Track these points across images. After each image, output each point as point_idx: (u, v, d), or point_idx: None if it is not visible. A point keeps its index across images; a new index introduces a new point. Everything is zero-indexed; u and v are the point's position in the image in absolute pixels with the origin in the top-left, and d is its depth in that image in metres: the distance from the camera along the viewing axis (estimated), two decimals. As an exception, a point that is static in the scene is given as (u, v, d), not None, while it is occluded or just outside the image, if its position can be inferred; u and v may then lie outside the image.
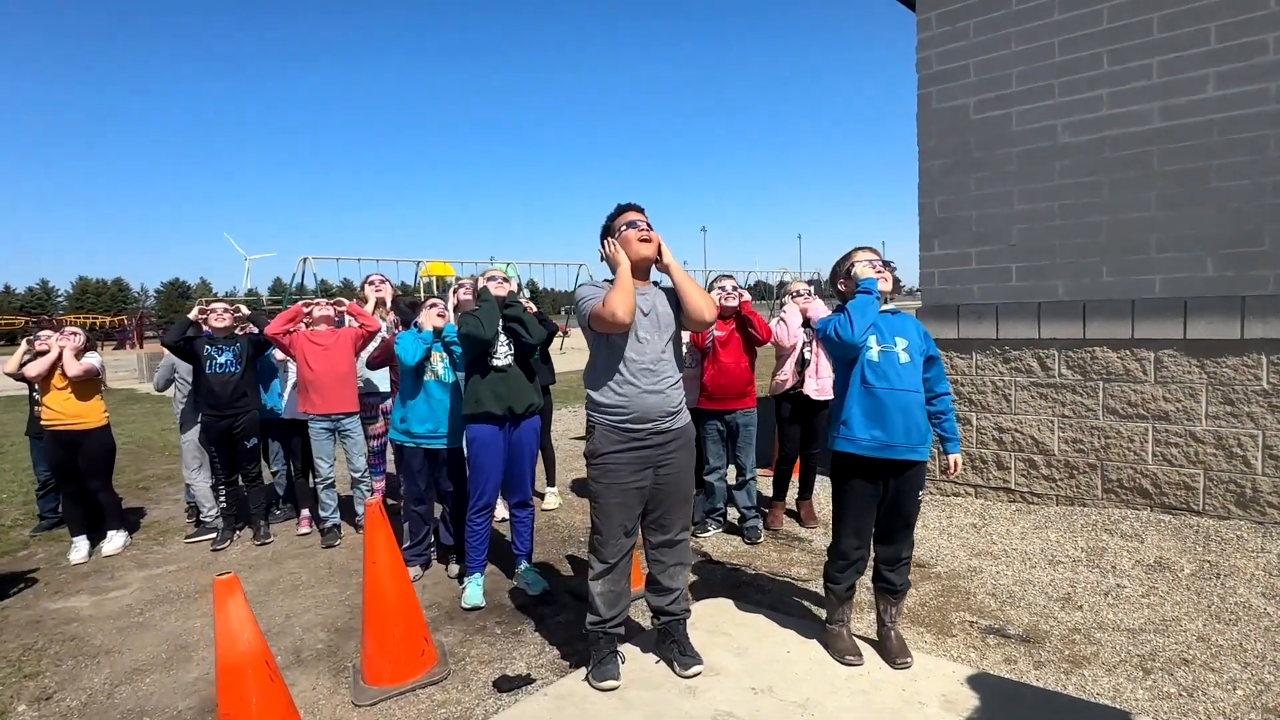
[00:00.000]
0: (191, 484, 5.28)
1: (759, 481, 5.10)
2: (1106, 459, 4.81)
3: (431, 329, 4.13)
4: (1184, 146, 4.42)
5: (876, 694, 2.78)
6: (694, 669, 2.93)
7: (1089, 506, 4.89)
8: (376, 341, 4.95)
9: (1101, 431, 4.81)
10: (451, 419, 4.14)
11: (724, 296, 4.52)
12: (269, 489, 5.59)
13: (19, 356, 4.98)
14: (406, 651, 3.09)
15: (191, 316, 5.01)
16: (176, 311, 59.57)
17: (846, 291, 3.00)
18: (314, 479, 5.14)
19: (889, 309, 2.98)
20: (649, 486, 2.89)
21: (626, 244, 2.87)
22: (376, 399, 5.35)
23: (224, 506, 5.12)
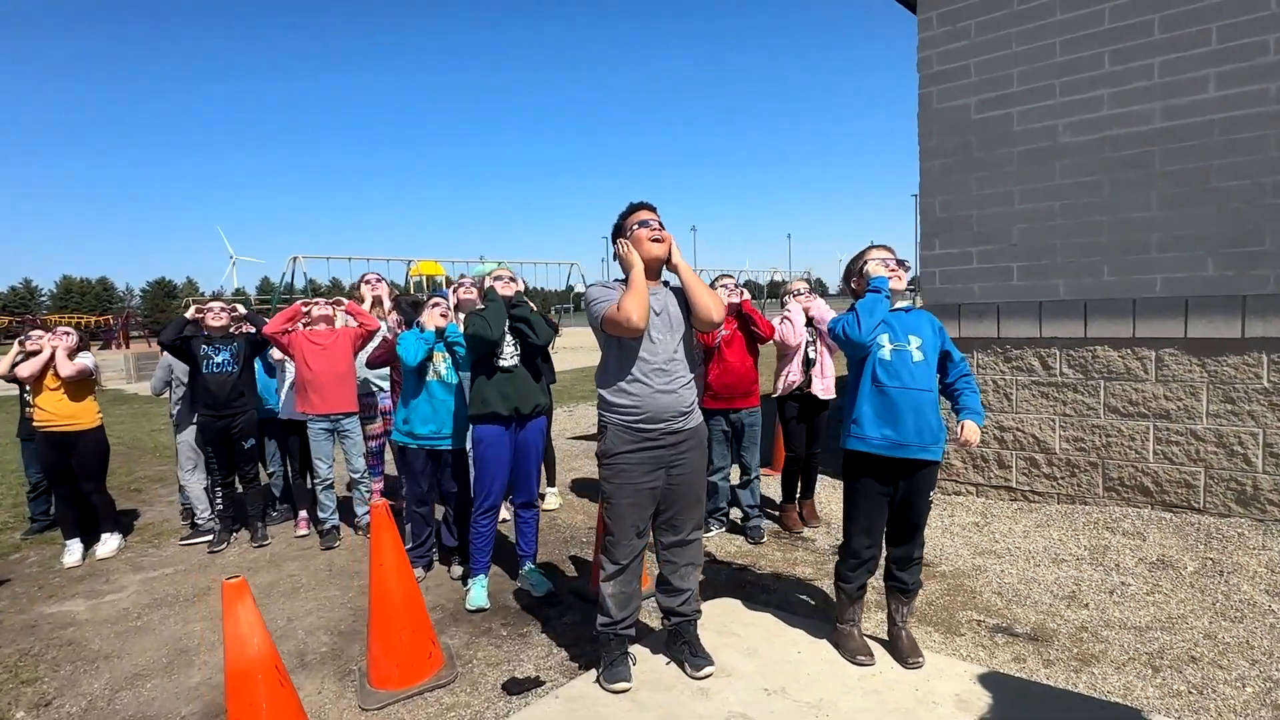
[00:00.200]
0: (186, 486, 5.21)
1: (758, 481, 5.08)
2: (1108, 457, 4.83)
3: (434, 329, 4.09)
4: (1185, 146, 4.44)
5: (890, 694, 2.77)
6: (706, 670, 2.91)
7: (1090, 505, 4.91)
8: (376, 340, 4.89)
9: (1103, 430, 4.83)
10: (455, 419, 4.10)
11: (726, 295, 4.50)
12: (266, 490, 5.53)
13: (11, 357, 4.90)
14: (413, 654, 3.05)
15: (188, 315, 4.94)
16: (163, 311, 58.92)
17: (859, 290, 2.99)
18: (312, 480, 5.09)
19: (903, 306, 2.97)
20: (661, 487, 2.87)
21: (638, 244, 2.85)
22: (374, 399, 5.30)
23: (221, 508, 5.06)
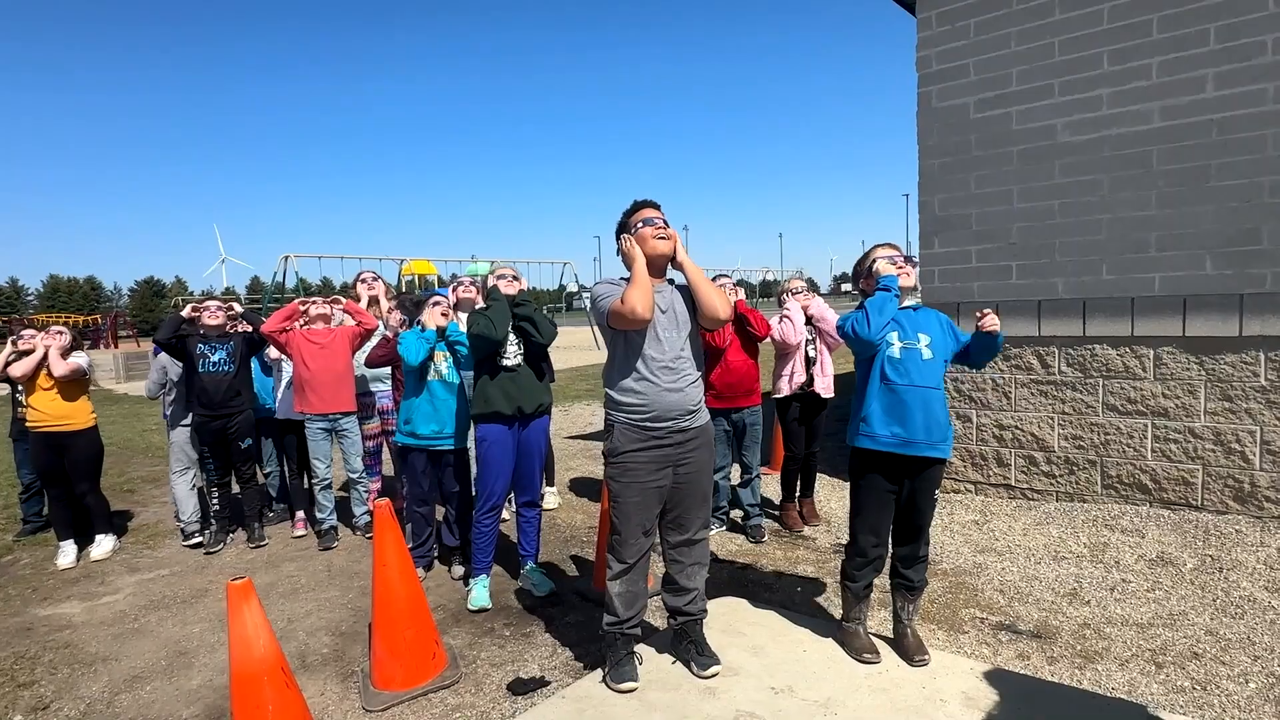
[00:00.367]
0: (172, 487, 5.14)
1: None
2: (1106, 455, 4.86)
3: (435, 328, 4.06)
4: (1183, 146, 4.46)
5: (897, 692, 2.77)
6: (712, 669, 2.91)
7: (1089, 502, 4.93)
8: (375, 339, 4.86)
9: (1101, 428, 4.86)
10: (457, 419, 4.07)
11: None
12: (263, 490, 5.48)
13: (4, 356, 4.83)
14: (417, 655, 3.03)
15: (184, 314, 4.89)
16: (151, 311, 58.36)
17: (868, 290, 2.98)
18: (310, 480, 5.04)
19: (911, 305, 2.97)
20: (668, 485, 2.86)
21: (642, 241, 2.85)
22: (371, 398, 5.26)
23: (217, 509, 5.01)
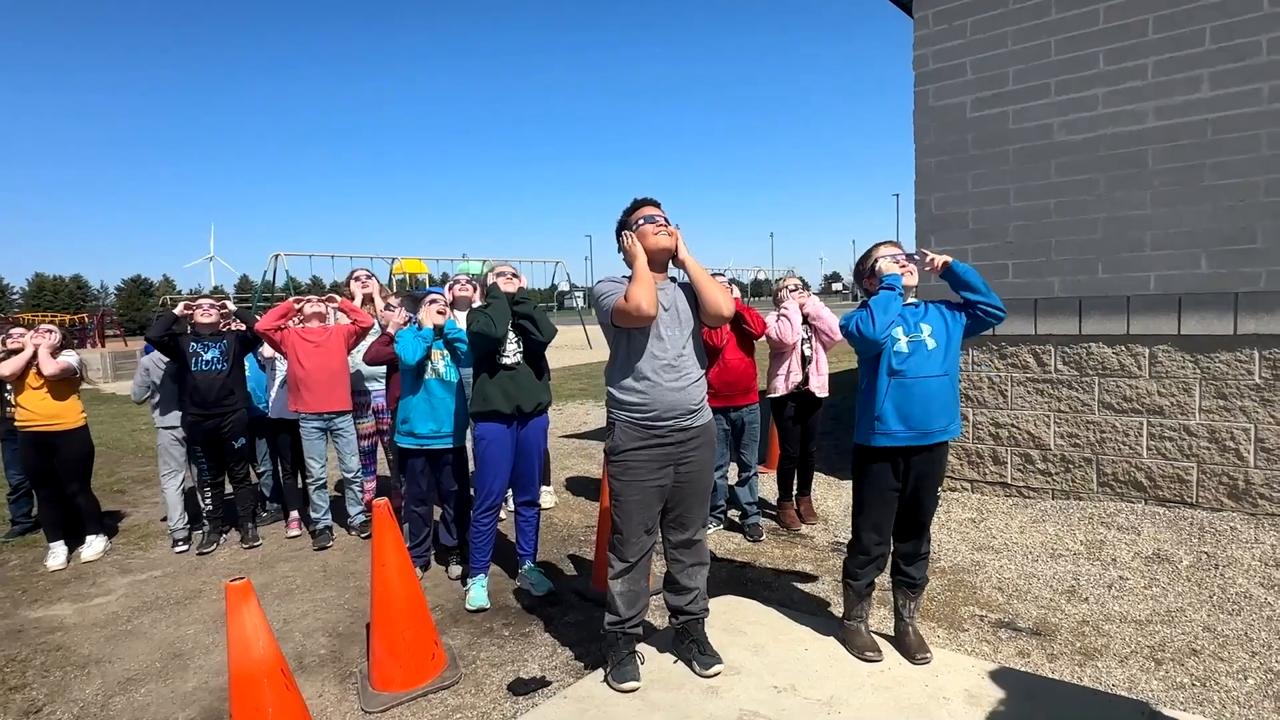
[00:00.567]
0: (164, 488, 5.07)
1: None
2: (1102, 453, 4.88)
3: (432, 326, 4.03)
4: (1178, 145, 4.49)
5: (900, 690, 2.77)
6: (714, 668, 2.89)
7: (1085, 500, 4.95)
8: (372, 338, 4.82)
9: (1097, 426, 4.88)
10: (455, 418, 4.04)
11: None
12: (256, 490, 5.43)
13: None
14: (416, 655, 3.01)
15: (177, 312, 4.83)
16: (138, 310, 57.79)
17: (872, 289, 2.98)
18: (304, 479, 5.00)
19: (911, 302, 2.97)
20: (669, 484, 2.84)
21: (643, 238, 2.83)
22: (367, 397, 5.22)
23: (210, 509, 4.95)
